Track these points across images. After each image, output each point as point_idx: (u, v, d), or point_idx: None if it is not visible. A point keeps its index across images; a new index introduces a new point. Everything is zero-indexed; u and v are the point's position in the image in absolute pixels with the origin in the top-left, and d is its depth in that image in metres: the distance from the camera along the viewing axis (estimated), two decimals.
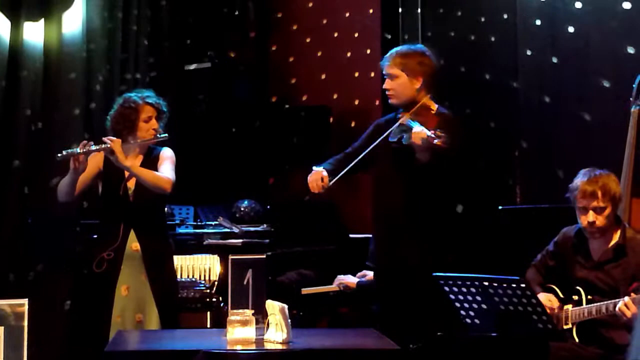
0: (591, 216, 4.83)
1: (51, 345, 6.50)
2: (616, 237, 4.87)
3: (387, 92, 5.38)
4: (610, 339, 4.75)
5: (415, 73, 5.32)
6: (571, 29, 6.63)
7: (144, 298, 5.47)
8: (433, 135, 4.86)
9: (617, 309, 4.57)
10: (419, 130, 4.95)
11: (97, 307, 5.49)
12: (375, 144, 5.29)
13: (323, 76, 8.26)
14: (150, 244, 5.52)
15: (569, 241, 5.01)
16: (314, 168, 5.38)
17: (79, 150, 5.30)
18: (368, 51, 7.92)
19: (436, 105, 5.35)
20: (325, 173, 5.32)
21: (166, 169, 5.52)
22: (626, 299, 4.54)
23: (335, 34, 8.20)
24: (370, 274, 5.99)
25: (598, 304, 4.72)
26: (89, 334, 5.49)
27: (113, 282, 5.45)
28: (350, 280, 6.08)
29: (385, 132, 5.32)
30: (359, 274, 6.08)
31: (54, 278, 6.61)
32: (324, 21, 8.28)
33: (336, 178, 5.30)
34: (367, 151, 5.32)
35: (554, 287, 4.98)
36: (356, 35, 8.05)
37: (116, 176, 5.51)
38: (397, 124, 5.28)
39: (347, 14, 8.12)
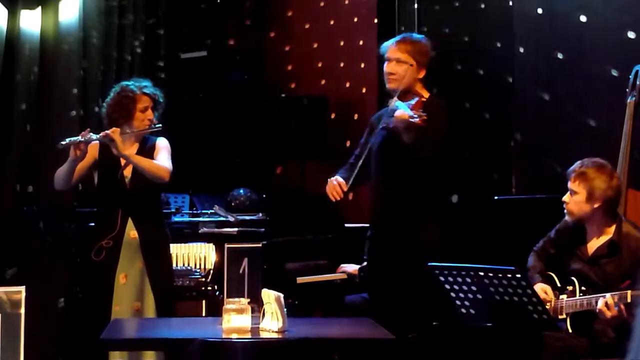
0: (566, 196, 4.92)
1: (48, 333, 6.51)
2: (611, 232, 4.88)
3: (389, 76, 5.32)
4: (601, 331, 4.75)
5: (421, 63, 5.33)
6: (567, 22, 6.63)
7: (141, 286, 5.48)
8: (414, 115, 4.87)
9: (597, 308, 4.58)
10: (401, 112, 4.97)
11: (97, 295, 5.49)
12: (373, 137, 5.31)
13: (319, 65, 8.26)
14: (148, 231, 5.53)
15: (568, 230, 5.03)
16: (329, 179, 5.38)
17: (80, 139, 5.31)
18: (362, 42, 7.92)
19: (428, 94, 5.37)
20: (340, 179, 5.30)
21: (163, 158, 5.53)
22: (607, 296, 4.54)
23: (332, 23, 8.20)
24: (345, 267, 6.13)
25: (589, 297, 4.72)
26: (89, 322, 5.49)
27: (112, 270, 5.46)
28: (354, 268, 6.13)
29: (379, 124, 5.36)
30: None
31: (50, 266, 6.61)
32: (321, 11, 8.28)
33: (351, 180, 5.29)
34: (368, 147, 5.33)
35: (552, 274, 4.99)
36: (353, 25, 8.05)
37: (112, 165, 5.52)
38: (387, 110, 5.29)
39: (346, 2, 8.12)
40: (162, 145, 5.62)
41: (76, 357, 6.21)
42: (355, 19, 8.03)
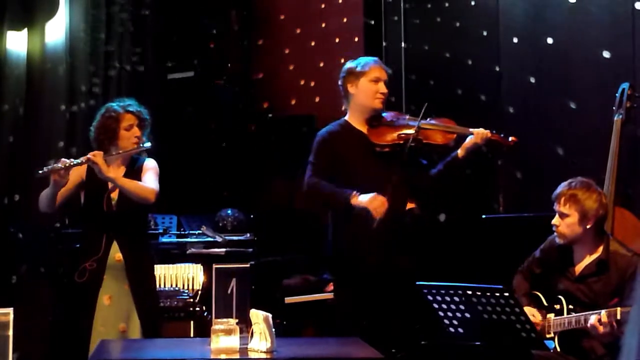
0: (556, 219, 4.90)
1: (35, 354, 6.48)
2: (599, 251, 4.88)
3: (383, 96, 5.58)
4: (590, 349, 4.75)
5: None
6: (551, 42, 6.67)
7: (127, 308, 5.45)
8: (496, 133, 5.24)
9: (589, 323, 4.58)
10: (482, 130, 5.30)
11: (78, 317, 5.47)
12: (404, 147, 5.32)
13: (308, 85, 8.26)
14: (133, 254, 5.49)
15: (554, 250, 5.03)
16: (363, 196, 5.22)
17: (59, 166, 5.27)
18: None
19: None
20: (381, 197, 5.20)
21: (149, 179, 5.50)
22: (602, 312, 4.55)
23: (320, 43, 8.21)
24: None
25: (577, 315, 4.72)
26: (71, 343, 5.46)
27: (95, 292, 5.41)
28: None
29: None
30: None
31: (37, 287, 6.59)
32: (309, 30, 8.29)
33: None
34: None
35: (538, 294, 4.99)
36: (340, 44, 8.07)
37: (99, 187, 5.48)
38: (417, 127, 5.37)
39: (333, 23, 8.13)
40: (150, 166, 5.60)
41: None
42: (343, 39, 8.05)
